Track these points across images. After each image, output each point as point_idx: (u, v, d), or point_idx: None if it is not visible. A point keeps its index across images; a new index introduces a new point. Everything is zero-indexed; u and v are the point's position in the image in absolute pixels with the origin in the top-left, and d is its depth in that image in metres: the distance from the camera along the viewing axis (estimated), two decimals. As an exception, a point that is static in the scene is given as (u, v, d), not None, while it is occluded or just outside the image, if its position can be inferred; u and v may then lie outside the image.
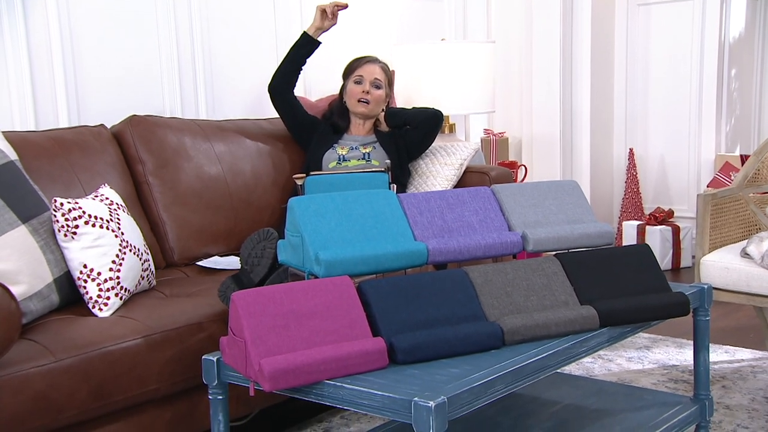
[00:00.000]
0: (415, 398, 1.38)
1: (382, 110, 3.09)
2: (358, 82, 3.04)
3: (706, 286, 2.09)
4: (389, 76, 3.11)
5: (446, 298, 1.72)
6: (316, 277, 1.73)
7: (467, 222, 1.95)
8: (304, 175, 2.28)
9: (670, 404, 2.14)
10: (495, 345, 1.67)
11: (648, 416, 2.06)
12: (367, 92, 3.01)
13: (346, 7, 3.00)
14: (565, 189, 2.12)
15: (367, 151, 3.01)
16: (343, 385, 1.50)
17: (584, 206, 2.10)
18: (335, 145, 3.03)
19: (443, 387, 1.45)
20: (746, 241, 2.67)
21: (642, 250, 2.02)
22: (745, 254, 2.56)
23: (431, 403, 1.36)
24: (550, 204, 2.06)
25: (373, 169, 2.35)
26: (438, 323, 1.67)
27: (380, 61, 3.10)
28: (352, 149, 3.01)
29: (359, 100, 3.02)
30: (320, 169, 2.96)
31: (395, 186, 2.39)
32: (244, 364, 1.56)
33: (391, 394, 1.43)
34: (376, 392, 1.45)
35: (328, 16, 2.98)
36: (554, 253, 1.97)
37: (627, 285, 1.92)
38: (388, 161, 2.52)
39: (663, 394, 2.22)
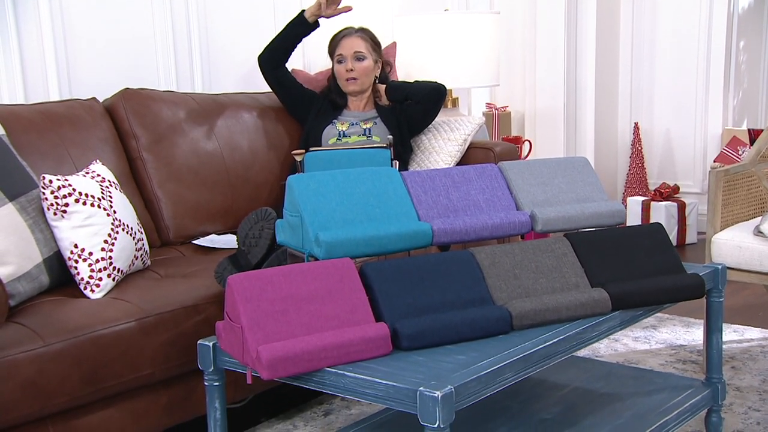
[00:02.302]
0: (421, 388, 1.31)
1: (375, 78, 2.98)
2: (340, 62, 2.94)
3: (720, 266, 2.01)
4: (373, 40, 2.99)
5: (452, 281, 1.65)
6: (316, 259, 1.66)
7: (473, 201, 1.87)
8: (303, 151, 2.20)
9: (681, 388, 2.07)
10: (503, 330, 1.61)
11: (659, 400, 2.00)
12: (351, 69, 2.92)
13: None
14: (575, 166, 2.04)
15: (368, 126, 2.92)
16: (345, 373, 1.43)
17: (595, 184, 2.02)
18: (335, 120, 2.94)
19: (450, 375, 1.39)
20: (759, 218, 2.59)
21: (655, 229, 1.95)
22: (758, 232, 2.49)
23: (437, 393, 1.29)
24: (560, 182, 1.98)
25: (375, 145, 2.27)
26: (444, 307, 1.60)
27: (357, 30, 2.98)
28: (353, 125, 2.93)
29: (347, 80, 2.93)
30: (319, 146, 2.87)
31: (397, 162, 2.31)
32: (240, 351, 1.49)
33: (395, 383, 1.37)
34: (379, 381, 1.39)
35: (324, 5, 2.84)
36: (564, 233, 1.89)
37: (639, 266, 1.85)
38: (391, 137, 2.43)
39: (674, 377, 2.16)
